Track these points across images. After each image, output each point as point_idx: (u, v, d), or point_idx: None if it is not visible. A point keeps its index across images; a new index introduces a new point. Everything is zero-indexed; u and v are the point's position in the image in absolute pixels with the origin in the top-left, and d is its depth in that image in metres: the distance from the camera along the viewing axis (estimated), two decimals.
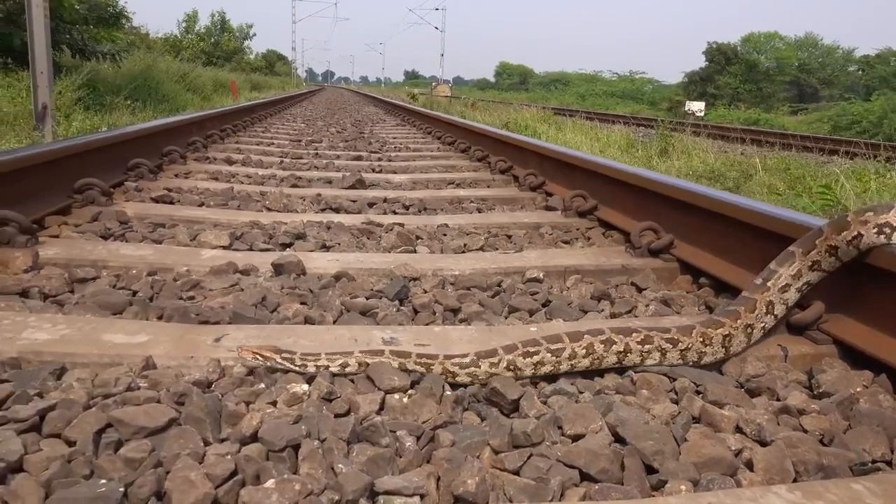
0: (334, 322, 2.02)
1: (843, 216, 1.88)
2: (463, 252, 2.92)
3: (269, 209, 3.61)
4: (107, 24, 15.54)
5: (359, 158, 6.20)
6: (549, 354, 1.64)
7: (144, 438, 1.30)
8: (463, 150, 6.86)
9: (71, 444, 1.29)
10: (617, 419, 1.41)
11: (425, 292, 2.33)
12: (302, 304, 2.14)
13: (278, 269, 2.45)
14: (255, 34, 57.95)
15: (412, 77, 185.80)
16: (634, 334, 1.71)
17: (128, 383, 1.49)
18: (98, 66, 14.52)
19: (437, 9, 66.32)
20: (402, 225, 3.28)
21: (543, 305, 2.26)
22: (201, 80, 23.25)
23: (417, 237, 3.07)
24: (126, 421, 1.32)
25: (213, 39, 49.92)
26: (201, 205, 3.62)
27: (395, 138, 8.66)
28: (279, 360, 1.60)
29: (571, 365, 1.67)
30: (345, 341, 1.81)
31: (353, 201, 3.91)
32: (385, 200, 3.96)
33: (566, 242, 3.17)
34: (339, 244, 2.94)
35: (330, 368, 1.61)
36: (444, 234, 3.21)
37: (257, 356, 1.60)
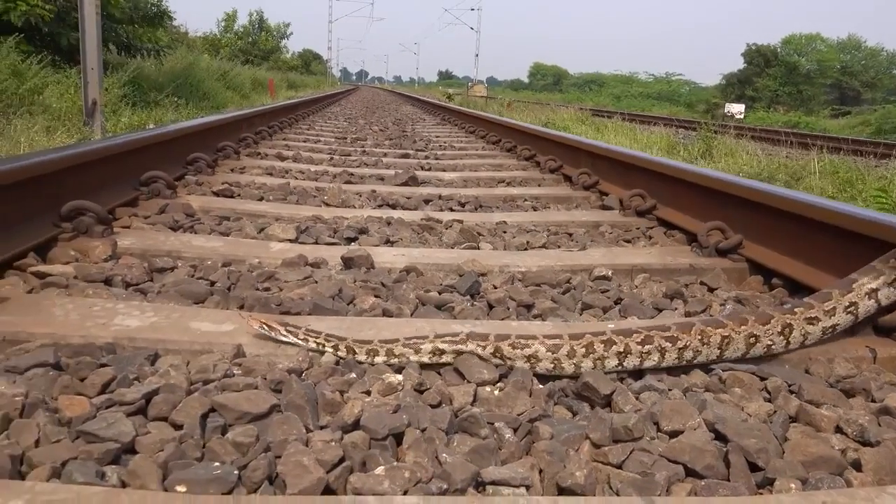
0: (411, 315, 2.03)
1: (870, 265, 1.84)
2: (525, 249, 2.91)
3: (327, 204, 3.64)
4: (151, 22, 15.83)
5: (406, 156, 6.22)
6: (543, 349, 1.62)
7: (248, 424, 1.32)
8: (509, 150, 6.85)
9: (178, 427, 1.31)
10: (715, 416, 1.40)
11: (495, 288, 2.33)
12: (376, 297, 2.16)
13: (348, 262, 2.47)
14: (291, 33, 58.50)
15: (446, 77, 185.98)
16: (635, 335, 1.65)
17: (225, 370, 1.52)
18: (142, 64, 14.74)
19: (472, 9, 66.32)
20: (460, 221, 3.29)
21: (615, 303, 2.25)
22: (240, 79, 23.56)
23: (478, 234, 3.08)
24: (230, 406, 1.34)
25: (250, 38, 50.49)
26: (261, 199, 3.67)
27: (438, 137, 8.67)
28: (283, 332, 1.67)
29: (575, 364, 1.62)
30: (425, 334, 1.81)
31: (408, 198, 3.92)
32: (440, 197, 3.97)
33: (628, 241, 3.15)
34: (401, 239, 2.95)
35: (326, 348, 1.67)
36: (504, 232, 3.20)
37: (263, 325, 1.68)
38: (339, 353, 1.66)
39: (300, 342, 1.67)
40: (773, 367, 1.71)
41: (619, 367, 1.64)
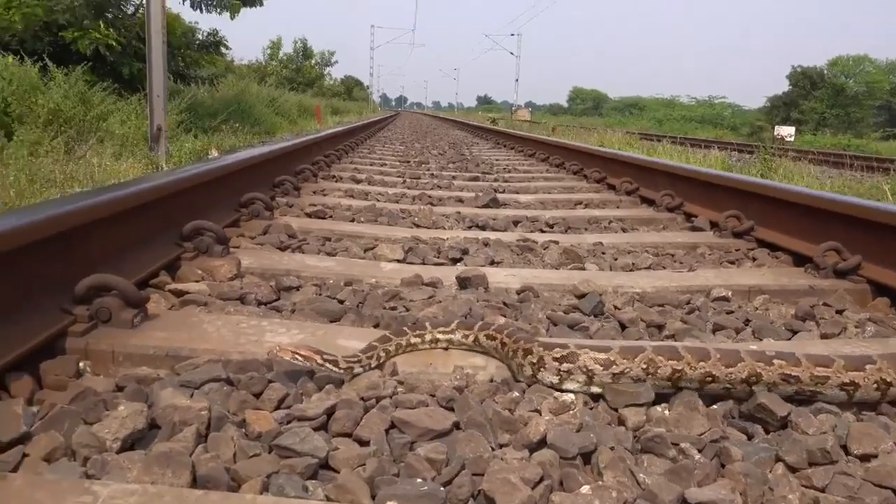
0: (547, 333, 2.02)
1: (874, 357, 1.65)
2: (632, 270, 2.88)
3: (417, 225, 3.66)
4: (207, 50, 16.27)
5: (475, 179, 6.24)
6: None
7: (432, 441, 1.31)
8: (575, 172, 6.82)
9: (362, 443, 1.31)
10: None
11: (617, 308, 2.31)
12: (502, 316, 2.15)
13: (463, 282, 2.47)
14: (336, 61, 59.53)
15: (485, 102, 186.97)
16: (557, 349, 1.58)
17: (393, 387, 1.51)
18: (197, 91, 15.08)
19: (512, 34, 66.82)
20: (556, 242, 3.27)
21: (745, 324, 2.20)
22: (288, 105, 24.02)
23: (580, 254, 3.05)
24: (412, 423, 1.34)
25: (294, 66, 51.44)
26: (352, 220, 3.70)
27: (498, 160, 8.69)
28: (319, 362, 1.54)
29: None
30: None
31: (494, 219, 3.92)
32: (527, 219, 3.96)
33: (731, 262, 3.09)
34: (504, 260, 2.95)
35: (372, 365, 1.63)
36: (603, 253, 3.17)
37: (296, 356, 1.53)
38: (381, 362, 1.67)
39: (340, 372, 1.57)
40: None
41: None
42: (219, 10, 14.51)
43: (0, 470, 1.15)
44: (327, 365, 1.56)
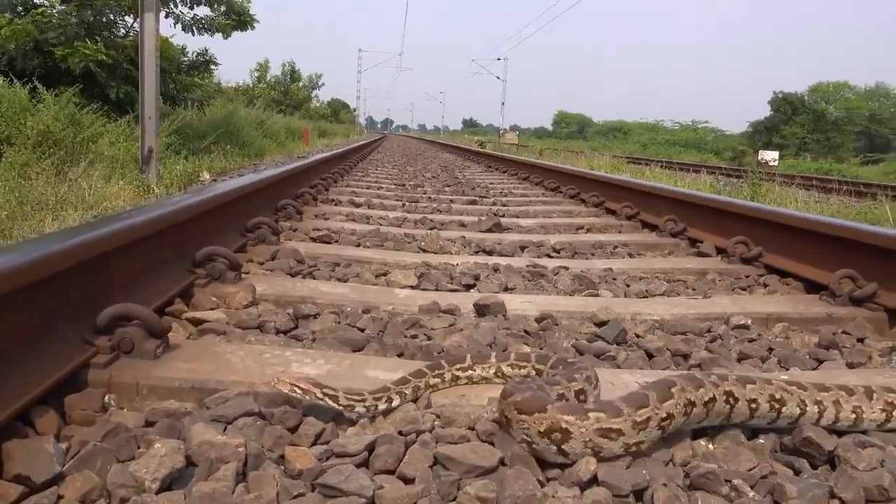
0: None
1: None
2: (646, 297, 2.86)
3: (424, 250, 3.63)
4: (198, 70, 16.25)
5: (473, 202, 6.23)
6: None
7: (479, 478, 1.27)
8: (572, 196, 6.82)
9: (407, 480, 1.26)
10: None
11: (638, 337, 2.28)
12: (525, 344, 2.11)
13: (481, 310, 2.43)
14: (323, 84, 59.72)
15: (470, 125, 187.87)
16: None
17: (432, 421, 1.47)
18: (186, 113, 15.01)
19: (499, 59, 67.46)
20: (566, 268, 3.24)
21: (768, 352, 2.18)
22: (276, 127, 24.03)
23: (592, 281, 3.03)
24: (457, 459, 1.30)
25: (282, 88, 51.54)
26: (358, 245, 3.67)
27: (492, 184, 8.70)
28: (319, 395, 1.46)
29: None
30: (605, 386, 1.76)
31: (499, 244, 3.90)
32: (533, 244, 3.94)
33: (743, 289, 3.08)
34: (517, 286, 2.92)
35: (379, 407, 1.51)
36: (614, 279, 3.16)
37: (295, 388, 1.46)
38: (394, 405, 1.54)
39: (339, 408, 1.48)
40: None
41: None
42: (210, 32, 14.50)
43: None
44: (326, 399, 1.47)
